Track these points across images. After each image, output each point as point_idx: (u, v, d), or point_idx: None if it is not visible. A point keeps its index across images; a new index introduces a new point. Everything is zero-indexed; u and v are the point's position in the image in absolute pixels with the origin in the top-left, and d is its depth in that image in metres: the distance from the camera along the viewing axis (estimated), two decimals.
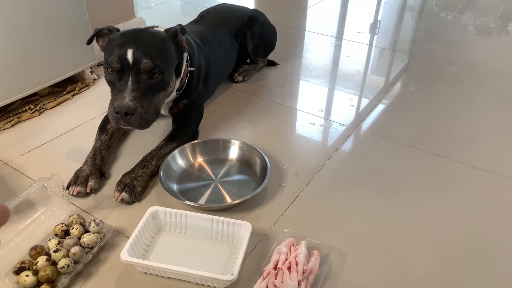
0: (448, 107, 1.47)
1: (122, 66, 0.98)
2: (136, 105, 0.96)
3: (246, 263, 0.87)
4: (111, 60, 0.98)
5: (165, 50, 1.05)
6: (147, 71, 0.99)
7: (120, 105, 0.95)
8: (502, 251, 0.92)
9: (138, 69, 0.98)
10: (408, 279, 0.85)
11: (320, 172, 1.14)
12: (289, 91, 1.58)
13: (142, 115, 0.98)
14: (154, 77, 1.01)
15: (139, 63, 0.98)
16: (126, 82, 0.98)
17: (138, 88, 0.98)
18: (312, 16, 2.35)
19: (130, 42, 1.00)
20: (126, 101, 0.95)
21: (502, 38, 2.16)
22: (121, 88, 0.98)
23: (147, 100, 1.00)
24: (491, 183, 1.12)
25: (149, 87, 1.01)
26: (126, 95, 0.96)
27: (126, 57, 0.98)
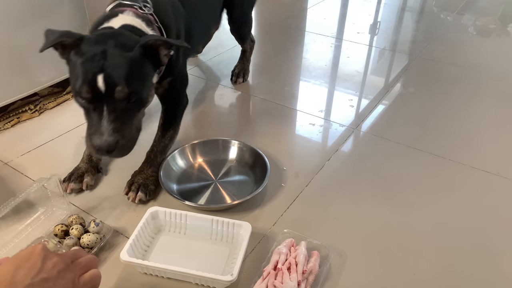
0: (448, 108, 1.47)
1: (93, 95, 0.82)
2: (117, 138, 0.84)
3: (245, 263, 0.87)
4: (80, 90, 0.82)
5: (141, 68, 0.88)
6: (123, 98, 0.84)
7: (99, 145, 0.83)
8: (502, 252, 0.92)
9: (112, 97, 0.83)
10: (408, 280, 0.85)
11: (320, 172, 1.14)
12: (289, 91, 1.58)
13: (124, 146, 0.87)
14: (131, 101, 0.86)
15: (113, 91, 0.82)
16: (101, 113, 0.84)
17: (116, 117, 0.84)
18: (312, 17, 2.35)
19: (98, 66, 0.82)
20: (105, 137, 0.83)
21: (502, 39, 2.16)
22: (97, 121, 0.84)
23: (127, 126, 0.88)
24: (491, 183, 1.12)
25: (127, 112, 0.87)
26: (104, 130, 0.83)
27: (97, 85, 0.82)
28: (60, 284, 0.52)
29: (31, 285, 0.49)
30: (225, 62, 1.76)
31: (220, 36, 1.93)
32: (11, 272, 0.50)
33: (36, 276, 0.51)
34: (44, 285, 0.51)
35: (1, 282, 0.49)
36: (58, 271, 0.53)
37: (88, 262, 0.60)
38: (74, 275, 0.56)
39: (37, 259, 0.53)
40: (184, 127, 1.36)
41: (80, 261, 0.59)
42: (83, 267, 0.59)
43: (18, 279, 0.49)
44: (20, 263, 0.52)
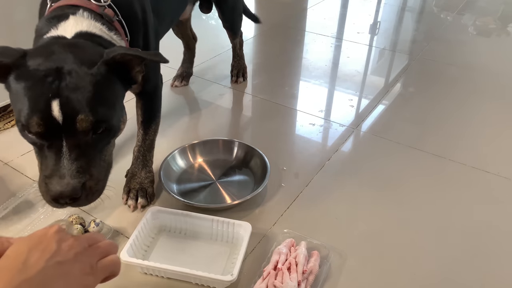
0: (448, 108, 1.47)
1: (47, 128, 0.62)
2: (83, 180, 0.65)
3: (246, 263, 0.87)
4: (29, 123, 0.62)
5: (108, 88, 0.69)
6: (88, 130, 0.65)
7: (60, 191, 0.63)
8: (502, 252, 0.92)
9: (73, 129, 0.63)
10: (408, 280, 0.85)
11: (320, 172, 1.14)
12: (289, 91, 1.58)
13: (93, 189, 0.68)
14: (98, 132, 0.67)
15: (74, 121, 0.63)
16: (59, 150, 0.64)
17: (80, 154, 0.65)
18: (312, 17, 2.35)
19: (51, 89, 0.62)
20: (67, 180, 0.63)
21: (502, 39, 2.16)
22: (54, 160, 0.64)
23: (95, 163, 0.68)
24: (491, 183, 1.12)
25: (94, 145, 0.67)
26: (65, 172, 0.63)
27: (52, 114, 0.62)
28: (76, 268, 0.48)
29: (45, 269, 0.45)
30: (225, 62, 1.76)
31: (220, 36, 1.93)
32: (24, 255, 0.45)
33: (50, 259, 0.46)
34: (59, 269, 0.46)
35: (13, 265, 0.44)
36: (74, 254, 0.49)
37: (107, 247, 0.55)
38: (91, 259, 0.51)
39: (51, 241, 0.49)
40: (184, 127, 1.36)
41: (99, 245, 0.54)
42: (102, 251, 0.53)
43: (31, 263, 0.45)
44: (33, 245, 0.47)
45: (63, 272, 0.46)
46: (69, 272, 0.46)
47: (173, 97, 1.52)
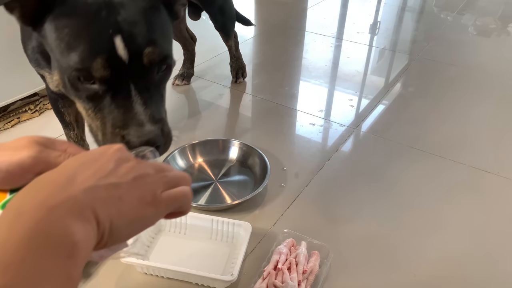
0: (448, 108, 1.47)
1: (113, 70, 0.55)
2: (161, 125, 0.59)
3: (246, 263, 0.87)
4: (91, 68, 0.54)
5: (164, 20, 0.64)
6: (155, 65, 0.59)
7: (144, 141, 0.56)
8: (502, 252, 0.92)
9: (140, 68, 0.58)
10: (408, 280, 0.85)
11: (320, 172, 1.14)
12: (289, 91, 1.58)
13: (169, 134, 0.63)
14: (162, 70, 0.61)
15: (141, 58, 0.57)
16: (127, 96, 0.57)
17: (150, 97, 0.59)
18: (312, 17, 2.35)
19: (109, 24, 0.55)
20: (148, 128, 0.57)
21: (502, 39, 2.16)
22: (124, 108, 0.57)
23: (162, 106, 0.64)
24: (491, 183, 1.12)
25: (159, 87, 0.63)
26: (142, 119, 0.57)
27: (116, 54, 0.55)
28: (133, 195, 0.38)
29: (93, 188, 0.35)
30: (225, 62, 1.75)
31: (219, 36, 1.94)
32: (72, 170, 0.36)
33: (103, 178, 0.37)
34: (112, 191, 0.36)
35: (57, 179, 0.35)
36: (133, 177, 0.39)
37: (177, 178, 0.44)
38: (155, 188, 0.40)
39: (108, 160, 0.39)
40: (184, 127, 1.36)
41: (167, 174, 0.43)
42: (169, 181, 0.42)
43: (79, 179, 0.35)
44: (87, 161, 0.38)
45: (116, 196, 0.36)
46: (123, 198, 0.37)
47: (173, 97, 1.52)
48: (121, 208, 0.36)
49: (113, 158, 0.39)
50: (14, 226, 0.30)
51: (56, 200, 0.32)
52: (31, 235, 0.29)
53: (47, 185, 0.34)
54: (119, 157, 0.40)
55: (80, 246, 0.31)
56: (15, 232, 0.29)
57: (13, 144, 0.42)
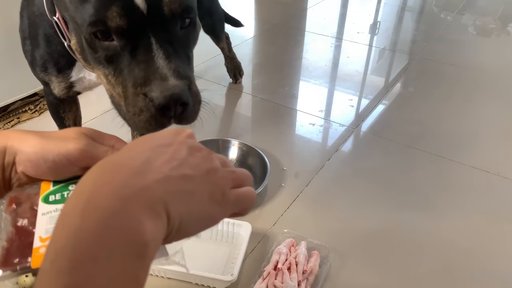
0: (448, 108, 1.47)
1: (130, 21, 0.50)
2: (187, 81, 0.54)
3: (246, 263, 0.87)
4: (107, 18, 0.50)
5: None
6: (178, 15, 0.54)
7: (169, 95, 0.50)
8: (502, 252, 0.92)
9: (161, 18, 0.52)
10: (408, 280, 0.85)
11: (320, 172, 1.14)
12: (289, 91, 1.58)
13: (197, 96, 0.59)
14: (185, 25, 0.56)
15: (161, 7, 0.52)
16: (148, 49, 0.52)
17: (173, 52, 0.54)
18: (312, 17, 2.35)
19: None
20: (172, 82, 0.51)
21: (502, 39, 2.16)
22: (145, 64, 0.52)
23: (189, 65, 0.59)
24: (491, 183, 1.12)
25: (183, 43, 0.57)
26: (165, 72, 0.51)
27: (133, 2, 0.50)
28: (205, 190, 0.34)
29: (167, 179, 0.31)
30: None
31: None
32: (145, 154, 0.32)
33: (176, 168, 0.33)
34: (184, 184, 0.32)
35: (129, 164, 0.31)
36: (206, 170, 0.35)
37: (244, 175, 0.40)
38: (225, 184, 0.36)
39: (181, 146, 0.35)
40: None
41: (235, 170, 0.39)
42: (237, 178, 0.38)
43: (153, 166, 0.31)
44: (158, 145, 0.34)
45: (188, 191, 0.32)
46: (195, 193, 0.33)
47: None
48: (191, 203, 0.32)
49: (185, 144, 0.35)
50: (87, 215, 0.27)
51: (130, 190, 0.29)
52: (104, 229, 0.26)
53: (120, 170, 0.30)
54: (191, 144, 0.36)
55: (150, 246, 0.28)
56: (88, 222, 0.26)
57: (62, 134, 0.40)
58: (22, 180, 0.39)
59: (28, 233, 0.35)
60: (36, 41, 0.74)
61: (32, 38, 0.76)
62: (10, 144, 0.38)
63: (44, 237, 0.35)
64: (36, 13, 0.73)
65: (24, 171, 0.38)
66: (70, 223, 0.27)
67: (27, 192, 0.39)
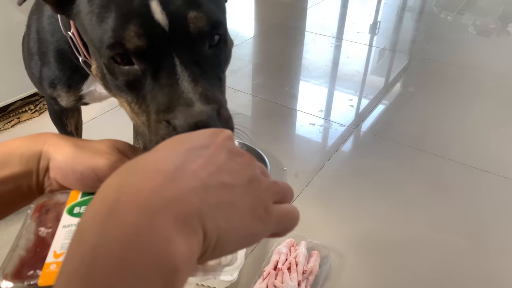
0: (448, 108, 1.47)
1: (150, 40, 0.44)
2: (216, 106, 0.47)
3: (246, 263, 0.87)
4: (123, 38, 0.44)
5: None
6: (204, 33, 0.47)
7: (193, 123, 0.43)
8: (502, 251, 0.92)
9: (185, 36, 0.46)
10: (408, 280, 0.85)
11: (320, 172, 1.14)
12: (289, 91, 1.58)
13: (229, 121, 0.52)
14: (213, 44, 0.49)
15: (185, 23, 0.46)
16: (171, 72, 0.46)
17: (200, 73, 0.47)
18: (312, 17, 2.35)
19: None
20: (198, 108, 0.45)
21: (502, 39, 2.16)
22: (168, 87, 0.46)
23: (220, 88, 0.53)
24: (491, 183, 1.12)
25: (213, 65, 0.51)
26: (191, 96, 0.45)
27: (153, 19, 0.44)
28: (246, 203, 0.28)
29: (205, 188, 0.26)
30: None
31: None
32: (178, 157, 0.27)
33: (215, 174, 0.28)
34: (224, 194, 0.27)
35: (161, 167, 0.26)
36: (248, 179, 0.30)
37: (287, 189, 0.35)
38: (267, 197, 0.31)
39: (219, 150, 0.30)
40: None
41: (276, 181, 0.34)
42: (280, 191, 0.33)
43: (187, 171, 0.27)
44: (194, 147, 0.29)
45: (228, 202, 0.27)
46: (235, 205, 0.28)
47: None
48: (231, 218, 0.27)
49: (224, 147, 0.30)
50: (107, 230, 0.23)
51: (160, 201, 0.24)
52: (126, 251, 0.22)
53: (149, 174, 0.26)
54: (231, 148, 0.30)
55: (181, 271, 0.23)
56: (108, 240, 0.22)
57: (95, 146, 0.38)
58: (54, 186, 0.38)
59: (47, 245, 0.33)
60: (46, 58, 0.72)
61: (42, 54, 0.72)
62: (46, 149, 0.38)
63: (59, 252, 0.32)
64: (47, 29, 0.70)
65: (54, 178, 0.37)
66: (86, 239, 0.23)
67: (56, 200, 0.37)
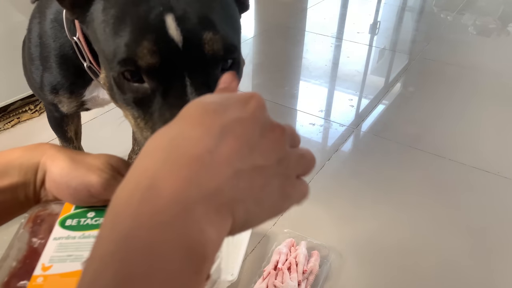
0: (448, 108, 1.47)
1: (163, 57, 0.43)
2: None
3: (246, 263, 0.87)
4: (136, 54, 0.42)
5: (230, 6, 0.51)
6: (219, 56, 0.45)
7: None
8: (502, 251, 0.92)
9: (199, 57, 0.44)
10: (408, 280, 0.85)
11: (320, 172, 1.14)
12: (289, 91, 1.58)
13: None
14: (226, 67, 0.48)
15: (200, 44, 0.44)
16: (182, 94, 0.44)
17: None
18: (312, 17, 2.35)
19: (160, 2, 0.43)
20: None
21: (502, 39, 2.16)
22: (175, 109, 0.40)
23: None
24: (491, 183, 1.12)
25: None
26: None
27: (167, 35, 0.42)
28: (275, 184, 0.28)
29: (237, 174, 0.25)
30: None
31: None
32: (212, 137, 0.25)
33: (248, 156, 0.26)
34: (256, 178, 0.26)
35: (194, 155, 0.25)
36: (279, 159, 0.28)
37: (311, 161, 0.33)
38: (293, 174, 0.31)
39: (252, 125, 0.27)
40: None
41: (303, 153, 0.32)
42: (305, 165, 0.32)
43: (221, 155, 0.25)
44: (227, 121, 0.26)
45: (259, 186, 0.27)
46: (265, 187, 0.27)
47: None
48: (262, 201, 0.27)
49: (257, 121, 0.28)
50: (143, 215, 0.22)
51: (196, 193, 0.23)
52: (160, 239, 0.22)
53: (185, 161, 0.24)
54: (264, 120, 0.28)
55: (209, 258, 0.23)
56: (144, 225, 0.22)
57: (90, 162, 0.39)
58: (50, 197, 0.39)
59: (38, 256, 0.32)
60: (48, 63, 0.70)
61: (43, 59, 0.71)
62: (43, 161, 0.38)
63: (47, 265, 0.31)
64: (49, 33, 0.68)
65: (49, 190, 0.39)
66: (120, 223, 0.22)
67: (50, 210, 0.38)
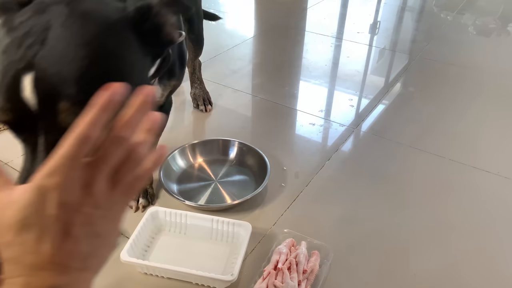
0: (448, 108, 1.47)
1: (17, 117, 0.42)
2: None
3: (246, 263, 0.87)
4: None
5: (123, 55, 0.45)
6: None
7: None
8: (502, 252, 0.92)
9: (55, 121, 0.41)
10: (409, 280, 0.85)
11: (320, 172, 1.14)
12: (289, 91, 1.58)
13: None
14: None
15: (54, 110, 0.41)
16: (33, 149, 0.44)
17: None
18: (312, 17, 2.35)
19: (25, 57, 0.40)
20: None
21: (502, 39, 2.16)
22: (28, 162, 0.45)
23: None
24: (491, 183, 1.12)
25: None
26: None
27: (21, 97, 0.40)
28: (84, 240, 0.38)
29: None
30: (225, 62, 1.76)
31: (220, 36, 1.94)
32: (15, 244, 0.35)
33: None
34: None
35: None
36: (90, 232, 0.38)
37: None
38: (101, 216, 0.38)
39: (53, 221, 0.36)
40: (184, 127, 1.36)
41: (96, 194, 0.36)
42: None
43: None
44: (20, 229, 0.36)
45: None
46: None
47: (173, 97, 1.52)
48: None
49: (57, 218, 0.35)
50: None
51: None
52: None
53: None
54: (60, 212, 0.35)
55: None
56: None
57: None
58: None
59: None
60: None
61: None
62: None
63: None
64: None
65: None
66: None
67: None
